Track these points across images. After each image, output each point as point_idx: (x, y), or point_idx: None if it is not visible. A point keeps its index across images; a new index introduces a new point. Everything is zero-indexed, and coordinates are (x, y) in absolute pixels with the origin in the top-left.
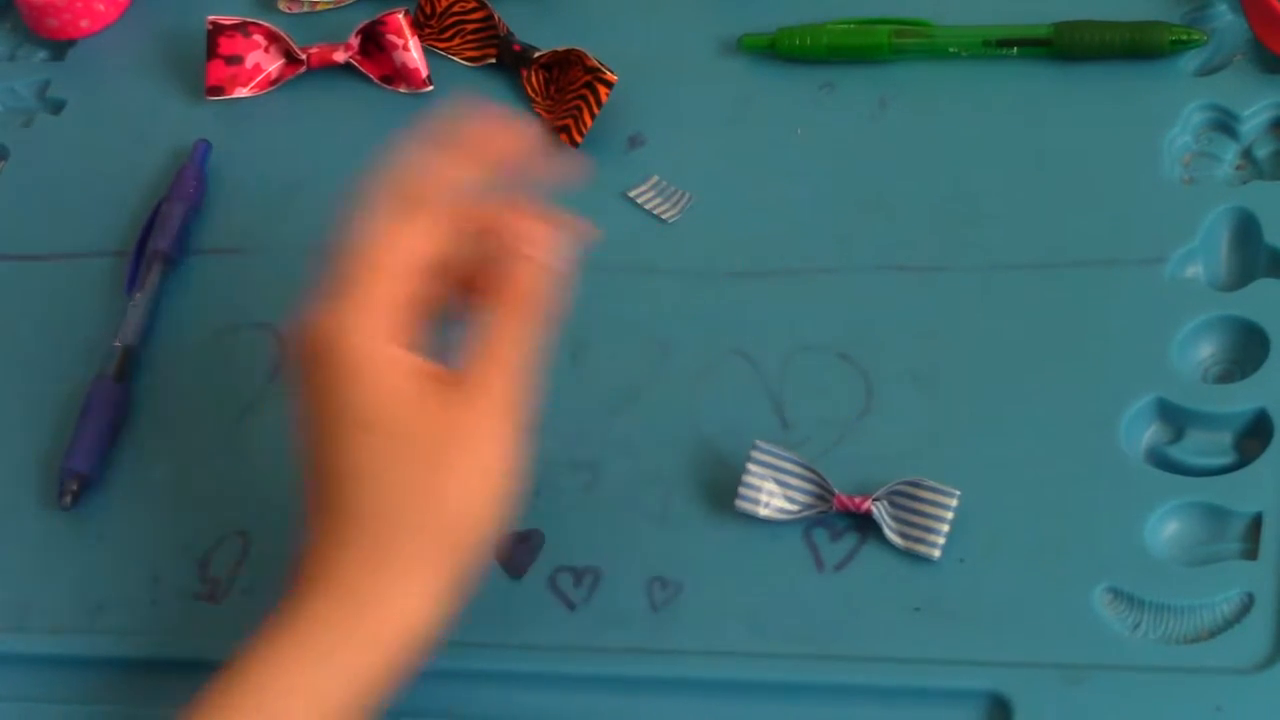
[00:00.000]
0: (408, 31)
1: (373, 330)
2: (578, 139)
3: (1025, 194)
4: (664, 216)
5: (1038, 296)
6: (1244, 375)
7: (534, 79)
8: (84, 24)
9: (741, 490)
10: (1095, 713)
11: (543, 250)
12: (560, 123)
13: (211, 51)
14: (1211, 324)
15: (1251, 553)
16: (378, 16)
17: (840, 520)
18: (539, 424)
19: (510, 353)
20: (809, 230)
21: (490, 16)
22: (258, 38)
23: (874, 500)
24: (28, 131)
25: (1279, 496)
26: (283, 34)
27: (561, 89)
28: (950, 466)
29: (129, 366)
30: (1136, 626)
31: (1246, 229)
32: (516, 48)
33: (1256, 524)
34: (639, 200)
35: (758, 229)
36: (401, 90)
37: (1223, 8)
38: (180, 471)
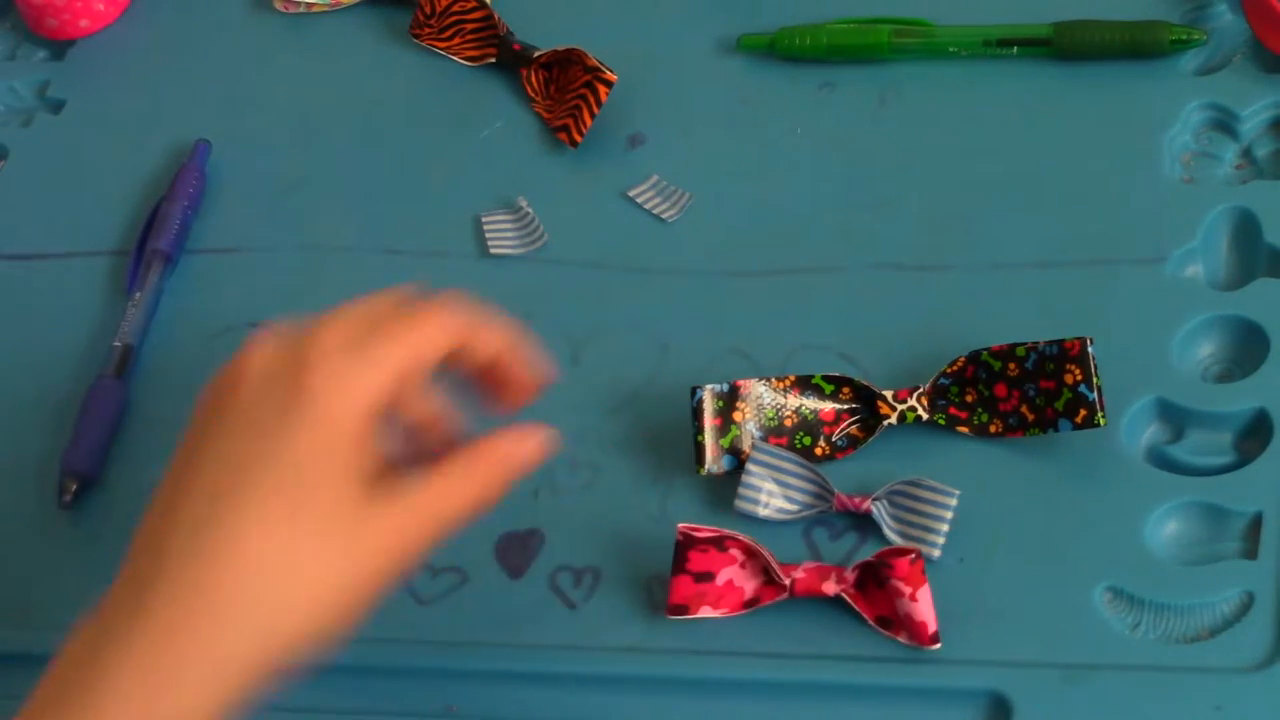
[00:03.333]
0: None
1: (375, 397)
2: (577, 138)
3: (1025, 193)
4: (664, 216)
5: (1038, 296)
6: (1244, 375)
7: (534, 78)
8: (84, 24)
9: (741, 490)
10: (1095, 713)
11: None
12: (560, 122)
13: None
14: (1211, 324)
15: (1251, 552)
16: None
17: (840, 520)
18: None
19: (446, 505)
20: (809, 230)
21: (490, 16)
22: (734, 552)
23: (874, 500)
24: (27, 131)
25: (1279, 496)
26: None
27: (561, 88)
28: (950, 466)
29: (128, 366)
30: (1136, 626)
31: (1246, 228)
32: (516, 47)
33: (1256, 523)
34: (639, 200)
35: (758, 229)
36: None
37: (1223, 8)
38: None
